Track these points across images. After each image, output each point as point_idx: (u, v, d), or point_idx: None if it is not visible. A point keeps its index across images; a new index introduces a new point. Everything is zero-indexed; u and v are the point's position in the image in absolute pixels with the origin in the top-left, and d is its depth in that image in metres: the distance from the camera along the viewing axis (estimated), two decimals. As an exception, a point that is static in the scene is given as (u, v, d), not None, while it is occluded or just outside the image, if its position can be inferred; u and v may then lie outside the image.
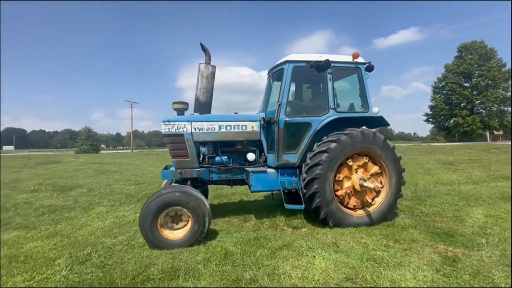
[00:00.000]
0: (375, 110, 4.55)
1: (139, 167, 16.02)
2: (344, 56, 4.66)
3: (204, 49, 4.83)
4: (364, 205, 4.35)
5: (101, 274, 2.94)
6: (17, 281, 2.80)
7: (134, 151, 52.64)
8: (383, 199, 4.38)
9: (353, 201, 4.31)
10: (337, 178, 4.20)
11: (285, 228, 4.42)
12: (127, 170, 14.05)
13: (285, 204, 4.23)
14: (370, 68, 4.65)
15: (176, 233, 3.70)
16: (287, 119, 4.27)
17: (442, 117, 57.51)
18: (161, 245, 3.56)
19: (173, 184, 4.06)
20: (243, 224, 4.67)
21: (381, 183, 4.41)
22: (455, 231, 4.01)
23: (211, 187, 6.75)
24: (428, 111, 60.24)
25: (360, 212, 4.32)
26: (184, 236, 3.64)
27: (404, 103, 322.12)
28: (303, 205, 4.23)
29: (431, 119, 60.70)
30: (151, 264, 3.16)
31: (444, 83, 56.88)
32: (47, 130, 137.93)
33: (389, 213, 4.47)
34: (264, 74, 5.69)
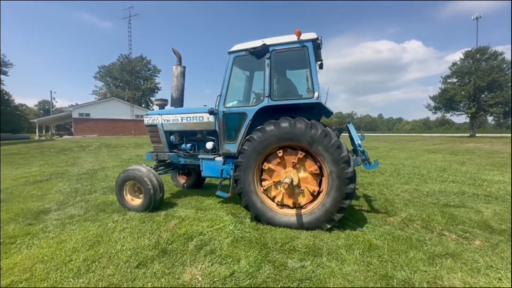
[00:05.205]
0: (315, 95, 3.83)
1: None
2: (287, 37, 4.06)
3: (174, 52, 5.48)
4: (295, 206, 3.90)
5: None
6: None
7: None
8: (317, 205, 3.72)
9: (279, 197, 3.93)
10: (263, 167, 3.99)
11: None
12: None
13: (217, 191, 4.41)
14: (318, 45, 4.00)
15: (136, 201, 4.71)
16: (224, 109, 4.36)
17: None
18: (126, 207, 4.69)
19: (143, 164, 4.95)
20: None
21: (320, 185, 3.80)
22: None
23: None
24: None
25: (287, 211, 3.88)
26: (138, 205, 4.60)
27: None
28: (229, 194, 4.25)
29: None
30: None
31: None
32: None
33: (325, 222, 3.64)
34: (409, 45, 4.79)
